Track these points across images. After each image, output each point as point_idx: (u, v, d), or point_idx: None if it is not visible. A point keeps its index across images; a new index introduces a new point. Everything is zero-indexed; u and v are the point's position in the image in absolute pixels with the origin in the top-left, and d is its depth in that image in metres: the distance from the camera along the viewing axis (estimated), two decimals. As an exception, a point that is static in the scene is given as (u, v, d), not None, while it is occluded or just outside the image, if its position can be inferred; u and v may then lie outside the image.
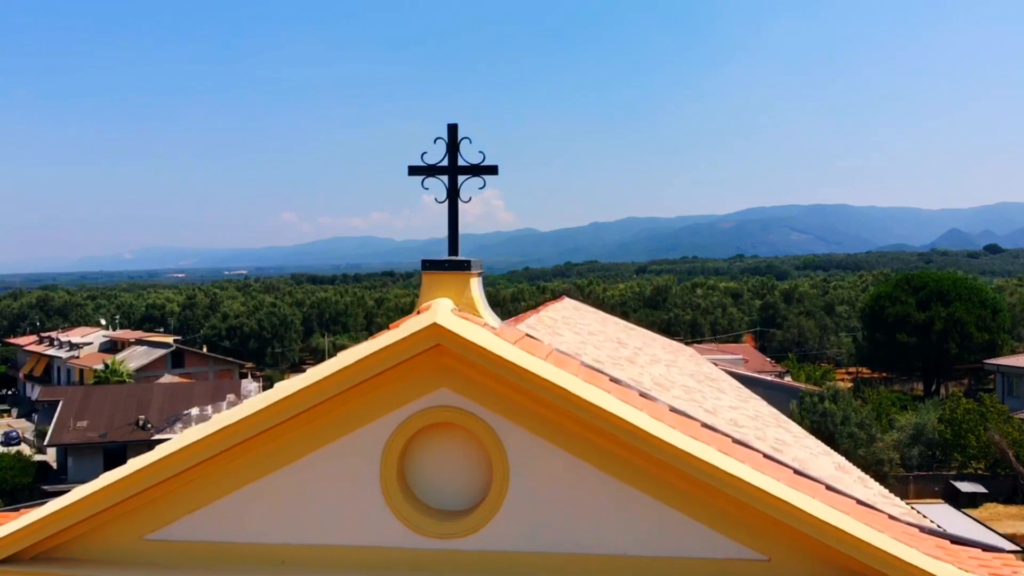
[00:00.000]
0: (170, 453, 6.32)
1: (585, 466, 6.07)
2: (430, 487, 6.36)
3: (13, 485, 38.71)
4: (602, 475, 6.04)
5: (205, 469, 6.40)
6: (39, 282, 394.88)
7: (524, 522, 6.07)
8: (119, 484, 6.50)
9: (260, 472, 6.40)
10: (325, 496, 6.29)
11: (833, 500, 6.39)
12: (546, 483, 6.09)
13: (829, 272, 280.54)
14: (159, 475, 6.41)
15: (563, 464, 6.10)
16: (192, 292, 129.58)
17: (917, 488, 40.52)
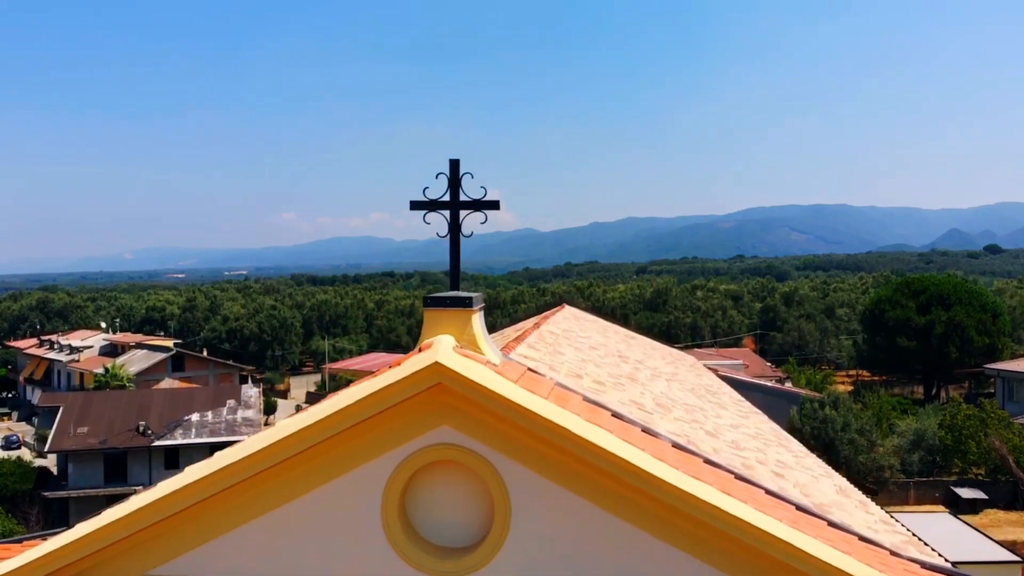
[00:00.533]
0: (174, 490, 6.32)
1: (588, 505, 6.08)
2: (432, 524, 6.36)
3: (14, 491, 38.72)
4: (605, 514, 6.04)
5: (208, 505, 6.40)
6: (39, 282, 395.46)
7: (527, 560, 6.07)
8: (123, 520, 6.49)
9: (262, 509, 6.40)
10: (327, 533, 6.30)
11: (836, 538, 6.39)
12: (549, 521, 6.09)
13: (829, 272, 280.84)
14: (163, 512, 6.40)
15: (566, 503, 6.10)
16: (192, 294, 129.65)
17: (918, 494, 40.57)
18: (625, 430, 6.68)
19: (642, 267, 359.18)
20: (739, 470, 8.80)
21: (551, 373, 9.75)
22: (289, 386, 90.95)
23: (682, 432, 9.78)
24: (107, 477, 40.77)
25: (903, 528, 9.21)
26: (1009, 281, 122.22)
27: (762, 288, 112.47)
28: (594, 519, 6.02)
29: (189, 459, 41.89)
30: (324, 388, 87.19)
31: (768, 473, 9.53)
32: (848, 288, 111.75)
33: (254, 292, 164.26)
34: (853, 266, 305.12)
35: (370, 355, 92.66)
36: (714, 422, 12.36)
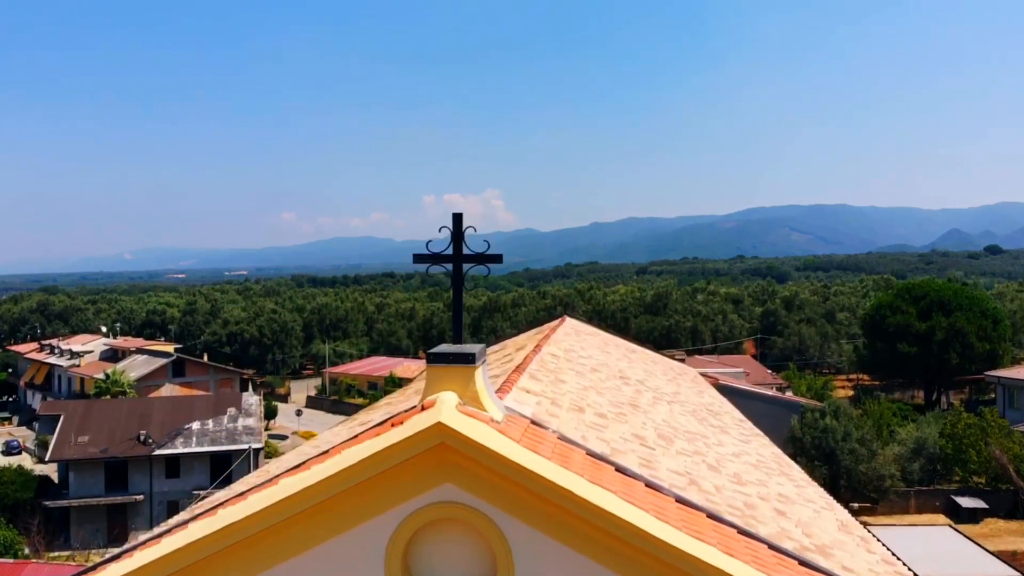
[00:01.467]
0: (178, 547, 6.35)
1: (590, 563, 6.09)
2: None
3: (15, 500, 38.73)
4: (608, 573, 6.06)
5: (212, 561, 6.42)
6: (39, 282, 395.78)
7: (530, 619, 6.08)
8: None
9: (265, 565, 6.42)
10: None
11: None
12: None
13: (829, 273, 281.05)
14: (168, 568, 6.42)
15: (568, 561, 6.11)
16: (192, 298, 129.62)
17: (918, 503, 40.55)
18: (628, 486, 6.68)
19: (642, 268, 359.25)
20: (741, 510, 8.82)
21: (553, 409, 9.77)
22: (290, 390, 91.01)
23: (684, 469, 9.79)
24: (108, 486, 40.78)
25: (906, 570, 9.21)
26: (1010, 284, 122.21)
27: (762, 291, 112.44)
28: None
29: (190, 468, 42.01)
30: (325, 392, 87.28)
31: (770, 511, 9.53)
32: (848, 291, 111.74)
33: (255, 294, 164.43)
34: (853, 266, 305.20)
35: (370, 359, 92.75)
36: (716, 452, 12.35)
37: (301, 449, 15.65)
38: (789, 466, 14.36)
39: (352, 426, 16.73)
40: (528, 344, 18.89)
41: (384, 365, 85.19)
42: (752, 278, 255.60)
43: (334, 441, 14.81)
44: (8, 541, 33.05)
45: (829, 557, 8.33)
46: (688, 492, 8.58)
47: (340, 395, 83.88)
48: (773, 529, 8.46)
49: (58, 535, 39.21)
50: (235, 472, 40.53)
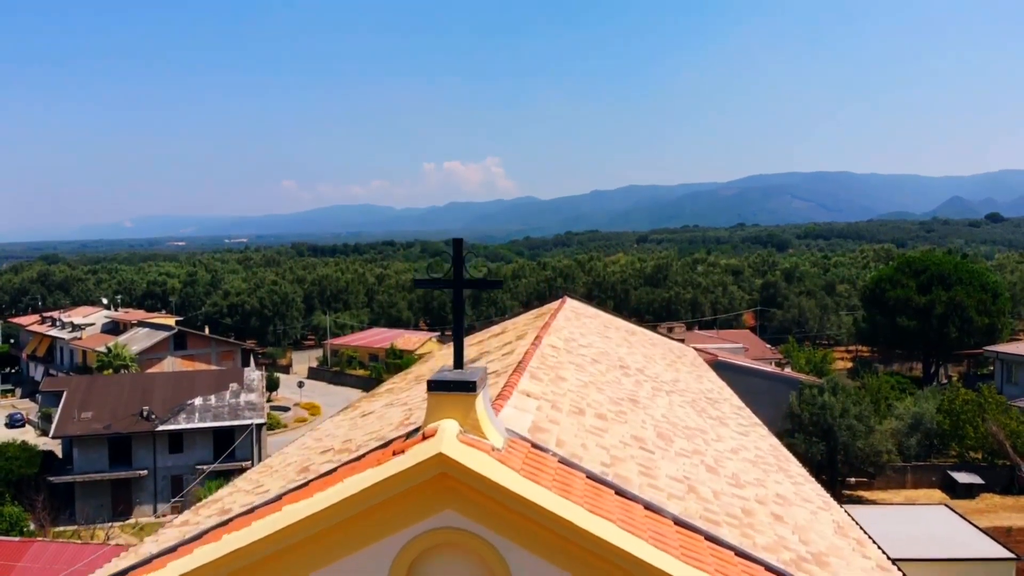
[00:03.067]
0: (184, 573, 6.45)
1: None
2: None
3: (19, 476, 39.06)
4: (610, 601, 6.17)
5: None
6: (40, 251, 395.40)
7: (530, 643, 6.20)
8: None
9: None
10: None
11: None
12: (551, 609, 6.21)
13: (830, 241, 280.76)
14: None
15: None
16: (193, 268, 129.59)
17: (915, 478, 40.92)
18: (628, 510, 6.76)
19: (643, 236, 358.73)
20: (739, 519, 8.93)
21: (553, 414, 9.85)
22: (291, 361, 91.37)
23: (683, 474, 9.89)
24: (112, 461, 41.11)
25: (898, 572, 9.33)
26: (1010, 254, 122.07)
27: (763, 262, 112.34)
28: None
29: (193, 443, 42.34)
30: (326, 363, 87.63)
31: (767, 516, 9.64)
32: (848, 262, 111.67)
33: (255, 264, 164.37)
34: (854, 234, 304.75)
35: (371, 330, 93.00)
36: (715, 450, 12.45)
37: (303, 442, 15.76)
38: (787, 460, 14.46)
39: (353, 416, 16.88)
40: (528, 332, 18.95)
41: (385, 337, 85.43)
42: (753, 246, 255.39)
43: (336, 435, 14.97)
44: (14, 518, 33.41)
45: (824, 567, 8.44)
46: (687, 501, 8.69)
47: (342, 366, 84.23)
48: (770, 538, 8.57)
49: (63, 510, 39.61)
50: (238, 448, 40.92)
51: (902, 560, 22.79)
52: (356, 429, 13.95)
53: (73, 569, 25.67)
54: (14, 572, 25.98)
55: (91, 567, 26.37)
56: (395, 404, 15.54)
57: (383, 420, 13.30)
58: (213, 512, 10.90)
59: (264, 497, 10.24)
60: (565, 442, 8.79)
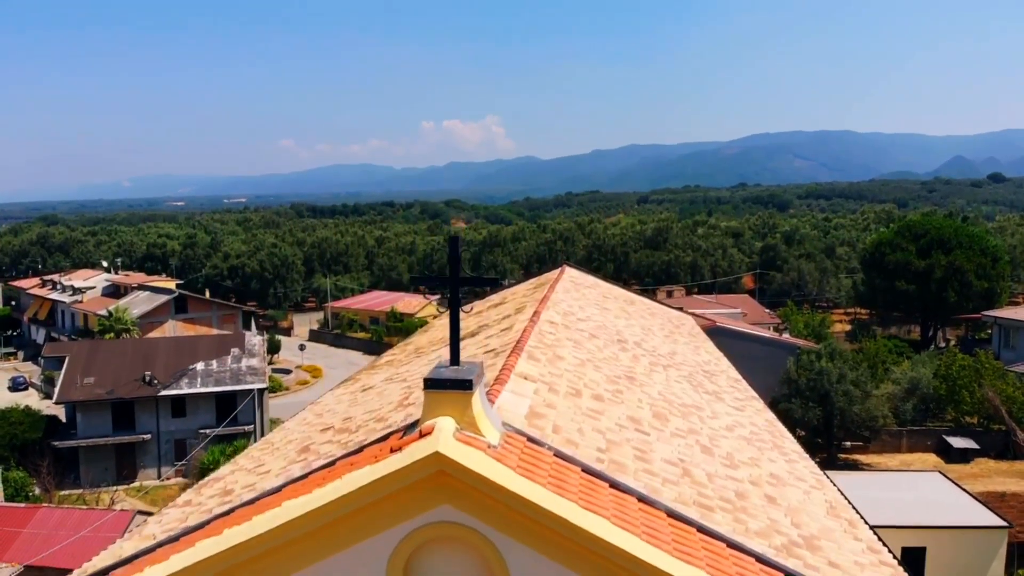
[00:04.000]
0: (187, 566, 6.60)
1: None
2: (435, 596, 6.65)
3: (24, 441, 39.43)
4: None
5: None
6: (39, 211, 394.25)
7: (525, 634, 6.36)
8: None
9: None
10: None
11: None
12: (547, 603, 6.37)
13: (831, 201, 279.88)
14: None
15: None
16: (192, 231, 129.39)
17: (910, 443, 41.32)
18: (622, 504, 6.88)
19: (644, 196, 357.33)
20: (732, 503, 9.08)
21: (550, 397, 9.95)
22: (292, 323, 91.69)
23: (677, 457, 10.02)
24: (115, 426, 41.48)
25: (889, 556, 9.50)
26: (1011, 216, 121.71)
27: (763, 224, 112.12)
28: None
29: (195, 408, 42.68)
30: (327, 326, 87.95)
31: (761, 499, 9.79)
32: (849, 224, 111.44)
33: (254, 225, 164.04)
34: (856, 194, 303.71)
35: (371, 293, 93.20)
36: (710, 428, 12.59)
37: (304, 416, 15.93)
38: (782, 436, 14.63)
39: (353, 391, 17.02)
40: (527, 305, 19.03)
41: (385, 300, 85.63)
42: (754, 207, 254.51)
43: (336, 410, 15.12)
44: (19, 483, 33.82)
45: (816, 551, 8.60)
46: (681, 485, 8.83)
47: (343, 329, 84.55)
48: (763, 523, 8.72)
49: (68, 474, 40.10)
50: (240, 413, 41.29)
51: (896, 527, 23.19)
52: (356, 406, 14.10)
53: (79, 535, 26.09)
54: (20, 537, 26.39)
55: (97, 532, 26.79)
56: (395, 379, 15.67)
57: (383, 398, 13.43)
58: (216, 492, 11.07)
59: (265, 479, 10.41)
60: (562, 427, 8.91)
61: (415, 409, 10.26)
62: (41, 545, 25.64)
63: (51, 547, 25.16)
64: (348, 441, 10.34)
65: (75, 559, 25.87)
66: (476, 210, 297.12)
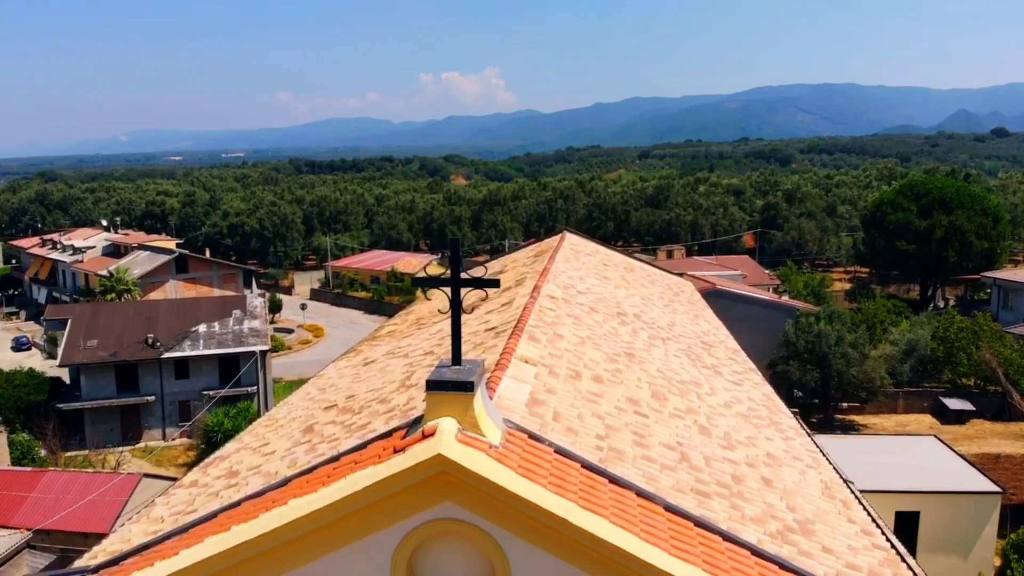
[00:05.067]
0: (195, 561, 6.78)
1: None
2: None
3: (28, 403, 39.79)
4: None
5: (224, 572, 6.88)
6: (36, 166, 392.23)
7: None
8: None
9: (276, 571, 6.87)
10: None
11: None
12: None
13: (834, 155, 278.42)
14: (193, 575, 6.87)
15: (564, 574, 6.55)
16: (191, 188, 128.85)
17: (906, 403, 41.67)
18: (621, 499, 7.02)
19: (645, 151, 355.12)
20: (729, 487, 9.26)
21: (551, 382, 10.07)
22: (293, 282, 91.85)
23: (675, 440, 10.18)
24: (120, 388, 41.84)
25: (883, 539, 9.70)
26: (1013, 174, 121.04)
27: (765, 182, 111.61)
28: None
29: (199, 370, 42.99)
30: (328, 285, 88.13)
31: (757, 482, 9.97)
32: (851, 181, 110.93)
33: (253, 182, 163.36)
34: (858, 149, 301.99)
35: (372, 252, 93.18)
36: (708, 406, 12.74)
37: (307, 391, 16.11)
38: (779, 411, 14.79)
39: (356, 364, 17.18)
40: (528, 276, 19.10)
41: (386, 259, 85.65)
42: (756, 161, 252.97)
43: (339, 386, 15.28)
44: (25, 446, 34.21)
45: (810, 535, 8.79)
46: (679, 471, 9.00)
47: (343, 288, 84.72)
48: (758, 508, 8.91)
49: (73, 435, 40.54)
50: (244, 375, 41.60)
51: (890, 492, 23.53)
52: (359, 382, 14.25)
53: (87, 499, 26.51)
54: (27, 502, 26.79)
55: (103, 496, 27.22)
56: (396, 354, 15.82)
57: (385, 375, 13.58)
58: (222, 473, 11.26)
59: (270, 460, 10.60)
60: (562, 414, 9.05)
61: (417, 392, 10.43)
62: (48, 509, 26.04)
63: (58, 510, 25.57)
64: (351, 424, 10.51)
65: (83, 522, 26.35)
66: (476, 165, 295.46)
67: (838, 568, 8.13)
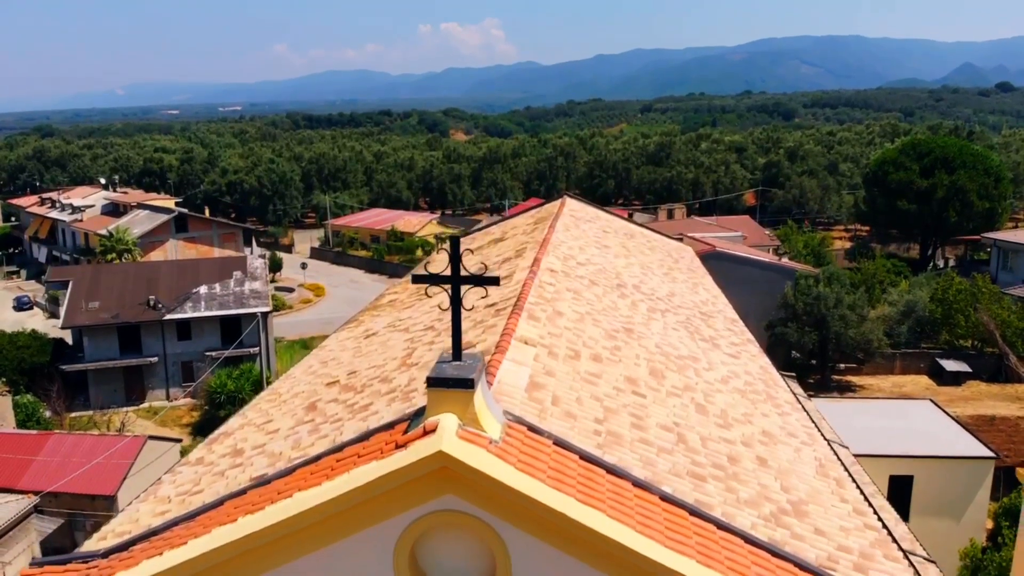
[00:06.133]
0: (204, 552, 6.99)
1: (585, 567, 6.74)
2: (440, 574, 7.07)
3: (32, 364, 40.09)
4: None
5: (232, 561, 7.08)
6: (33, 121, 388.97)
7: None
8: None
9: (281, 560, 7.08)
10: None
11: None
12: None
13: (837, 110, 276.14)
14: (195, 568, 7.08)
15: (563, 565, 6.76)
16: (189, 144, 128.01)
17: (903, 364, 42.02)
18: (618, 491, 7.19)
19: (647, 105, 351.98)
20: (724, 468, 9.44)
21: (550, 364, 10.20)
22: (293, 241, 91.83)
23: (672, 421, 10.34)
24: (122, 349, 42.14)
25: (876, 520, 9.91)
26: (1017, 131, 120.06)
27: (767, 138, 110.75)
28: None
29: (201, 331, 43.25)
30: (328, 244, 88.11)
31: (752, 461, 10.16)
32: (854, 138, 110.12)
33: (251, 138, 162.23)
34: (862, 103, 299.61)
35: (372, 211, 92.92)
36: (705, 382, 12.90)
37: (309, 364, 16.26)
38: (775, 385, 14.96)
39: (357, 336, 17.33)
40: (528, 246, 19.15)
41: (385, 218, 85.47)
42: (759, 115, 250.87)
43: (341, 359, 15.43)
44: (30, 408, 34.55)
45: (803, 517, 9.00)
46: (675, 454, 9.18)
47: (343, 247, 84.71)
48: (753, 490, 9.10)
49: (77, 396, 40.94)
50: (246, 336, 41.82)
51: (884, 456, 23.86)
52: (360, 357, 14.39)
53: (93, 462, 26.89)
54: (33, 465, 27.16)
55: (109, 460, 27.60)
56: (397, 327, 15.94)
57: (386, 349, 13.73)
58: (227, 451, 11.45)
59: (274, 439, 10.78)
60: (561, 398, 9.20)
61: (418, 371, 10.59)
62: (54, 472, 26.41)
63: (65, 473, 25.94)
64: (354, 404, 10.67)
65: (90, 484, 26.77)
66: (475, 120, 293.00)
67: (829, 551, 8.34)
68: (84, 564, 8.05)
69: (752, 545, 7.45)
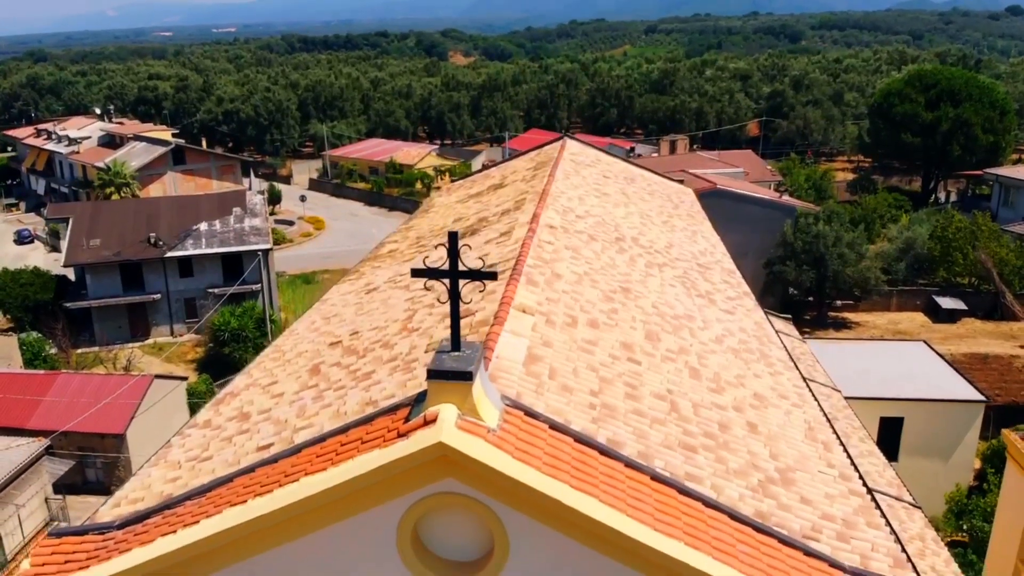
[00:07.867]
0: (216, 532, 7.36)
1: (581, 548, 7.12)
2: (441, 548, 7.47)
3: (35, 302, 40.44)
4: (597, 556, 7.10)
5: (241, 539, 7.46)
6: (24, 44, 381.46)
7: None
8: (174, 552, 7.53)
9: (286, 538, 7.47)
10: (348, 556, 7.42)
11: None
12: (543, 562, 7.18)
13: (845, 32, 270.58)
14: (209, 544, 7.46)
15: (560, 545, 7.14)
16: (184, 72, 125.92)
17: (899, 301, 42.35)
18: (610, 473, 7.50)
19: (652, 26, 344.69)
20: (715, 437, 9.77)
21: (548, 333, 10.43)
22: (291, 171, 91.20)
23: (666, 389, 10.62)
24: (125, 286, 42.42)
25: (861, 486, 10.25)
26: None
27: (772, 65, 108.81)
28: (587, 560, 7.08)
29: (202, 268, 43.49)
30: (327, 175, 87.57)
31: (743, 428, 10.48)
32: (860, 66, 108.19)
33: (246, 64, 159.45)
34: (871, 25, 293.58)
35: (370, 141, 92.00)
36: (700, 342, 13.14)
37: (311, 321, 16.47)
38: (769, 342, 15.21)
39: (358, 291, 17.53)
40: (527, 197, 19.20)
41: (384, 149, 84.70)
42: (765, 38, 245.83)
43: (343, 316, 15.69)
44: (36, 346, 35.01)
45: (790, 485, 9.35)
46: (668, 424, 9.50)
47: (342, 179, 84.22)
48: (742, 459, 9.44)
49: (82, 333, 41.43)
50: (248, 275, 42.10)
51: (876, 399, 24.34)
52: (362, 315, 14.62)
53: (103, 402, 27.44)
54: (42, 405, 27.74)
55: (118, 400, 28.17)
56: (398, 283, 16.13)
57: (387, 309, 13.95)
58: (233, 414, 11.77)
59: (279, 404, 11.10)
60: (557, 371, 9.46)
61: (419, 338, 10.86)
62: (64, 412, 26.98)
63: (73, 413, 26.52)
64: (356, 370, 10.95)
65: (99, 423, 27.39)
66: (475, 41, 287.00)
67: (814, 520, 8.70)
68: (100, 535, 8.43)
69: (738, 522, 7.81)
